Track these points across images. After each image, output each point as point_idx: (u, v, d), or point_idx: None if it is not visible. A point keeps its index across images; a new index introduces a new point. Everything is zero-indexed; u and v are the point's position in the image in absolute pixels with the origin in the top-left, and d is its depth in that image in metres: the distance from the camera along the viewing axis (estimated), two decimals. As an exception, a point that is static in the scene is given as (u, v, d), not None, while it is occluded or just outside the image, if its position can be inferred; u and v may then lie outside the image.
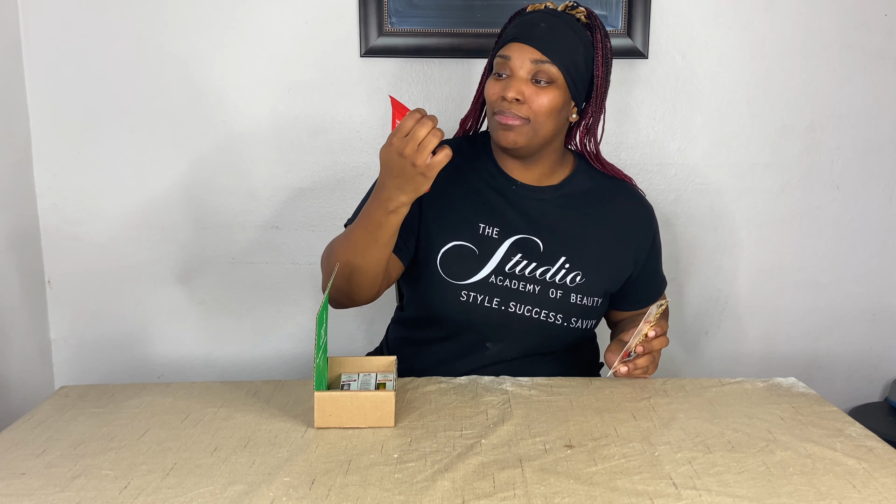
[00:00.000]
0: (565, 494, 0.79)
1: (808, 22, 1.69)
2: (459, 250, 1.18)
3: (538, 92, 1.13)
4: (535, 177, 1.22)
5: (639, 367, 1.10)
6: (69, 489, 0.80)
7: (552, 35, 1.14)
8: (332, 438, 0.92)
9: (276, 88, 1.67)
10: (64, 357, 1.76)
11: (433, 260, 1.18)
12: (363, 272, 1.11)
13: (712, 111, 1.72)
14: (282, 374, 1.79)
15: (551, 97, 1.13)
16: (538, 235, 1.19)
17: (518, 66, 1.13)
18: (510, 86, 1.13)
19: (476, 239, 1.18)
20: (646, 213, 1.28)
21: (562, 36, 1.14)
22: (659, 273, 1.33)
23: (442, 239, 1.18)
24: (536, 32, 1.14)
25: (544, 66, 1.13)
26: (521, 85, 1.13)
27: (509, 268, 1.17)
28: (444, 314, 1.18)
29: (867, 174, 1.77)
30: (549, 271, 1.18)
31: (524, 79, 1.13)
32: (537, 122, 1.13)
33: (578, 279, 1.18)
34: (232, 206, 1.71)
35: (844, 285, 1.82)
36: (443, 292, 1.17)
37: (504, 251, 1.18)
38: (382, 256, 1.10)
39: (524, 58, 1.13)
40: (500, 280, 1.17)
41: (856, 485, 0.82)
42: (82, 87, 1.65)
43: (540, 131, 1.14)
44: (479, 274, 1.17)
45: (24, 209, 1.65)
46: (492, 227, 1.19)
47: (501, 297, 1.17)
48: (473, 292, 1.16)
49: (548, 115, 1.14)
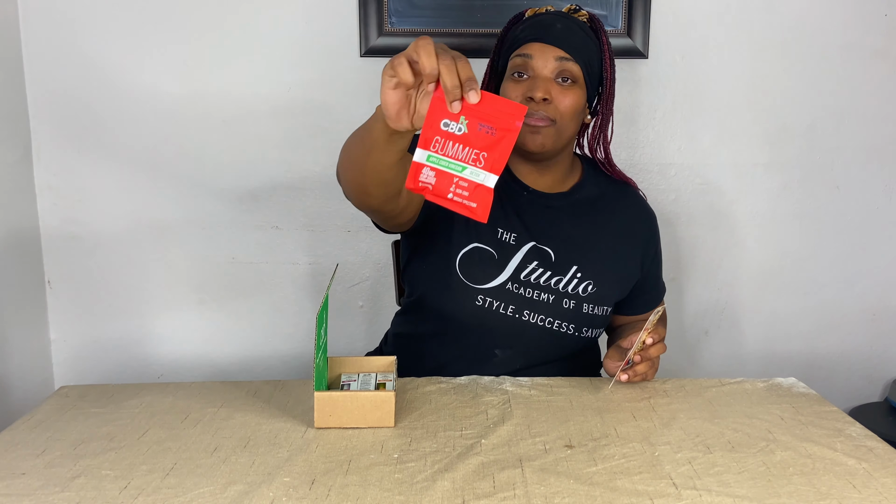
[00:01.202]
0: (565, 494, 0.79)
1: (808, 22, 1.69)
2: (480, 253, 1.15)
3: (563, 92, 1.12)
4: (547, 183, 1.21)
5: (638, 374, 1.10)
6: (69, 489, 0.80)
7: (570, 33, 1.13)
8: (332, 438, 0.92)
9: (276, 88, 1.67)
10: (64, 357, 1.76)
11: (452, 260, 1.15)
12: (364, 171, 0.96)
13: (712, 111, 1.72)
14: (282, 374, 1.79)
15: (576, 96, 1.13)
16: (550, 244, 1.17)
17: (542, 66, 1.12)
18: (537, 86, 1.11)
19: (495, 243, 1.16)
20: (650, 220, 1.29)
21: (577, 35, 1.14)
22: (660, 279, 1.33)
23: (463, 239, 1.15)
24: (555, 32, 1.13)
25: (567, 64, 1.12)
26: (548, 84, 1.12)
27: (524, 275, 1.15)
28: (457, 317, 1.16)
29: (867, 174, 1.77)
30: (561, 281, 1.16)
31: (549, 78, 1.12)
32: (563, 123, 1.13)
33: (590, 289, 1.17)
34: (232, 206, 1.71)
35: (844, 285, 1.82)
36: (458, 294, 1.14)
37: (521, 258, 1.15)
38: (378, 160, 0.92)
39: (547, 56, 1.12)
40: (515, 287, 1.15)
41: (856, 485, 0.82)
42: (82, 87, 1.65)
43: (564, 133, 1.14)
44: (496, 279, 1.14)
45: (24, 209, 1.65)
46: (509, 232, 1.17)
47: (517, 305, 1.14)
48: (490, 297, 1.14)
49: (572, 117, 1.13)
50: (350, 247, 1.75)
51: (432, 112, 0.78)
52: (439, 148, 0.78)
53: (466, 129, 0.78)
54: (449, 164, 0.78)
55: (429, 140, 0.78)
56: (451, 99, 0.76)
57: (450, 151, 0.78)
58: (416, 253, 1.21)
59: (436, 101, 0.77)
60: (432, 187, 0.79)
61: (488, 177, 0.78)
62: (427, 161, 0.78)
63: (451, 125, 0.78)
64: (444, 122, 0.78)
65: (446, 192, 0.79)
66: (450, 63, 0.75)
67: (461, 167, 0.78)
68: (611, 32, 1.65)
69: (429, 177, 0.79)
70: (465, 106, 0.77)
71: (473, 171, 0.78)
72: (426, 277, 1.19)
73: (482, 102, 0.77)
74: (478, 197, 0.79)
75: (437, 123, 0.78)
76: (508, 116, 0.77)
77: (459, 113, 0.77)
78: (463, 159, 0.78)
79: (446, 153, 0.78)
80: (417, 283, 1.22)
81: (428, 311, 1.20)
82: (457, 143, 0.78)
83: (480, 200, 0.79)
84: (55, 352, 1.75)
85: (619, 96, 1.69)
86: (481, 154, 0.78)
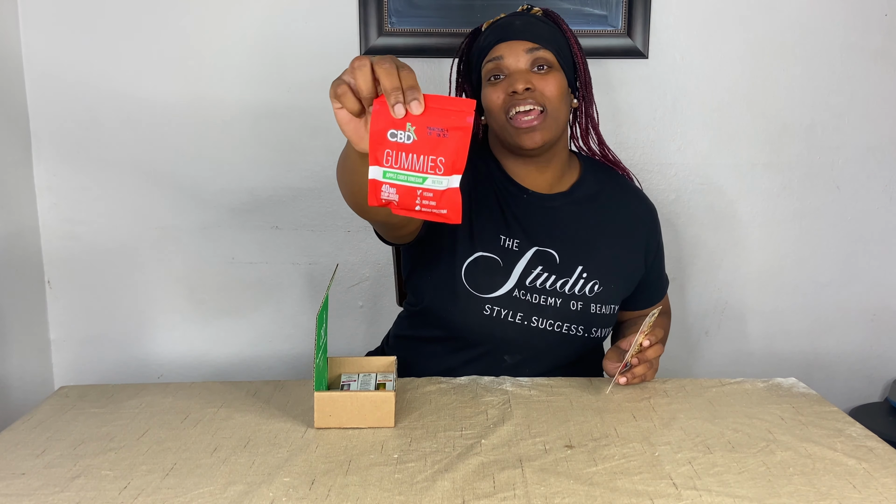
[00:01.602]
0: (565, 495, 0.79)
1: (808, 22, 1.69)
2: (485, 262, 1.14)
3: (543, 78, 1.13)
4: (546, 183, 1.21)
5: (636, 377, 1.09)
6: (69, 489, 0.80)
7: (532, 26, 1.15)
8: (331, 438, 0.92)
9: (276, 88, 1.67)
10: (63, 357, 1.76)
11: (458, 271, 1.14)
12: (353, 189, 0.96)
13: (712, 111, 1.72)
14: (281, 374, 1.79)
15: (556, 79, 1.13)
16: (553, 246, 1.16)
17: (514, 62, 1.13)
18: (516, 79, 1.12)
19: (499, 250, 1.15)
20: (651, 213, 1.29)
21: (539, 26, 1.16)
22: (663, 272, 1.33)
23: (467, 249, 1.14)
24: (517, 27, 1.15)
25: (539, 52, 1.13)
26: (526, 75, 1.12)
27: (530, 281, 1.14)
28: (465, 327, 1.15)
29: (867, 174, 1.77)
30: (567, 283, 1.15)
31: (525, 70, 1.13)
32: (552, 107, 1.13)
33: (597, 288, 1.17)
34: (232, 206, 1.71)
35: (844, 285, 1.82)
36: (465, 305, 1.13)
37: (525, 263, 1.15)
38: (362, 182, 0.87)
39: (517, 51, 1.13)
40: (522, 294, 1.14)
41: (856, 485, 0.82)
42: (82, 87, 1.65)
43: (558, 118, 1.14)
44: (503, 288, 1.13)
45: (24, 209, 1.65)
46: (511, 238, 1.16)
47: (524, 313, 1.14)
48: (497, 306, 1.13)
49: (560, 99, 1.14)
50: (350, 247, 1.75)
51: (375, 123, 0.72)
52: (392, 161, 0.73)
53: (415, 135, 0.73)
54: (407, 177, 0.74)
55: (379, 155, 0.73)
56: (393, 102, 0.71)
57: (405, 164, 0.73)
58: (419, 264, 1.20)
59: (377, 112, 0.73)
60: (396, 203, 0.75)
61: (451, 179, 0.74)
62: (384, 178, 0.74)
63: (399, 134, 0.73)
64: (391, 133, 0.73)
65: (412, 205, 0.75)
66: (389, 67, 0.72)
67: (421, 178, 0.74)
68: (611, 32, 1.65)
69: (390, 193, 0.74)
70: (410, 113, 0.72)
71: (435, 180, 0.74)
72: (431, 288, 1.17)
73: (428, 106, 0.72)
74: (446, 202, 0.75)
75: (384, 135, 0.73)
76: (458, 114, 0.72)
77: (405, 120, 0.72)
78: (420, 170, 0.73)
79: (401, 166, 0.73)
80: (423, 293, 1.20)
81: (435, 320, 1.19)
82: (410, 153, 0.73)
83: (449, 205, 0.75)
84: (55, 352, 1.75)
85: (619, 96, 1.69)
86: (438, 160, 0.73)
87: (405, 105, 0.71)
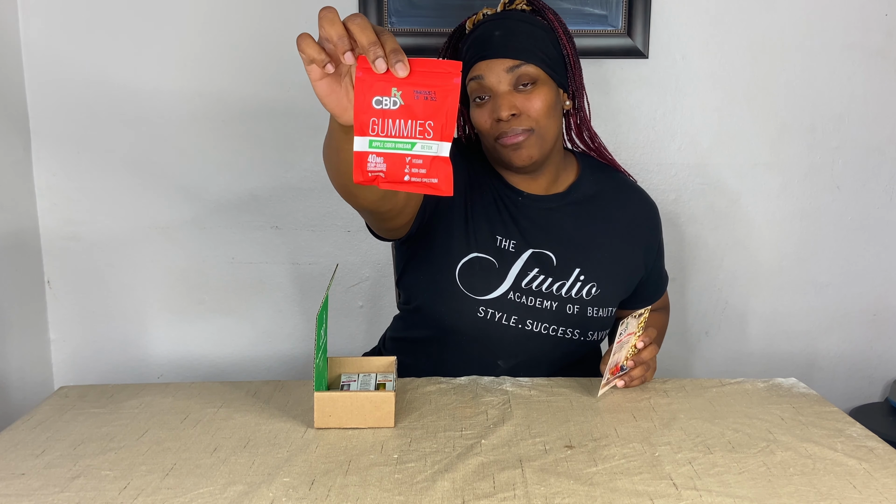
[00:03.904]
0: (565, 495, 0.79)
1: (808, 22, 1.69)
2: (480, 262, 1.12)
3: (528, 97, 1.08)
4: (542, 185, 1.19)
5: (635, 379, 1.08)
6: (69, 489, 0.80)
7: (512, 36, 1.09)
8: (331, 439, 0.92)
9: (276, 88, 1.67)
10: (63, 357, 1.76)
11: (452, 271, 1.12)
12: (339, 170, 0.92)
13: (712, 111, 1.72)
14: (281, 374, 1.79)
15: (542, 96, 1.09)
16: (550, 248, 1.15)
17: (496, 82, 1.08)
18: (499, 105, 1.07)
19: (495, 251, 1.13)
20: (652, 213, 1.27)
21: (520, 34, 1.09)
22: (663, 271, 1.32)
23: (462, 249, 1.13)
24: (496, 42, 1.09)
25: (521, 69, 1.08)
26: (510, 98, 1.08)
27: (525, 284, 1.13)
28: (458, 329, 1.13)
29: (867, 174, 1.77)
30: (564, 286, 1.14)
31: (508, 91, 1.08)
32: (541, 126, 1.09)
33: (594, 291, 1.15)
34: (232, 206, 1.71)
35: (844, 285, 1.82)
36: (459, 306, 1.12)
37: (521, 265, 1.13)
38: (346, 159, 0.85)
39: (498, 71, 1.08)
40: (517, 296, 1.12)
41: (856, 485, 0.82)
42: (82, 87, 1.65)
43: (547, 135, 1.11)
44: (498, 289, 1.12)
45: (24, 209, 1.65)
46: (508, 239, 1.14)
47: (519, 315, 1.12)
48: (492, 309, 1.12)
49: (548, 116, 1.10)
50: (350, 247, 1.75)
51: (359, 91, 0.69)
52: (379, 129, 0.70)
53: (402, 100, 0.69)
54: (396, 144, 0.70)
55: (364, 124, 0.70)
56: (373, 57, 0.67)
57: (392, 130, 0.70)
58: (412, 262, 1.18)
59: (360, 80, 0.69)
60: (384, 174, 0.71)
61: (441, 146, 0.71)
62: (370, 147, 0.70)
63: (385, 101, 0.69)
64: (376, 100, 0.69)
65: (401, 175, 0.71)
66: (362, 23, 0.68)
67: (410, 144, 0.70)
68: (611, 32, 1.65)
69: (377, 164, 0.71)
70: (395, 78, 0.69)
71: (424, 145, 0.70)
72: (424, 288, 1.16)
73: (413, 69, 0.69)
74: (436, 170, 0.71)
75: (369, 102, 0.69)
76: (445, 75, 0.69)
77: (391, 85, 0.69)
78: (409, 135, 0.70)
79: (388, 133, 0.70)
80: (415, 292, 1.19)
81: (428, 321, 1.17)
82: (397, 119, 0.69)
83: (440, 174, 0.71)
84: (55, 352, 1.75)
85: (619, 96, 1.69)
86: (427, 124, 0.70)
87: (388, 65, 0.67)
